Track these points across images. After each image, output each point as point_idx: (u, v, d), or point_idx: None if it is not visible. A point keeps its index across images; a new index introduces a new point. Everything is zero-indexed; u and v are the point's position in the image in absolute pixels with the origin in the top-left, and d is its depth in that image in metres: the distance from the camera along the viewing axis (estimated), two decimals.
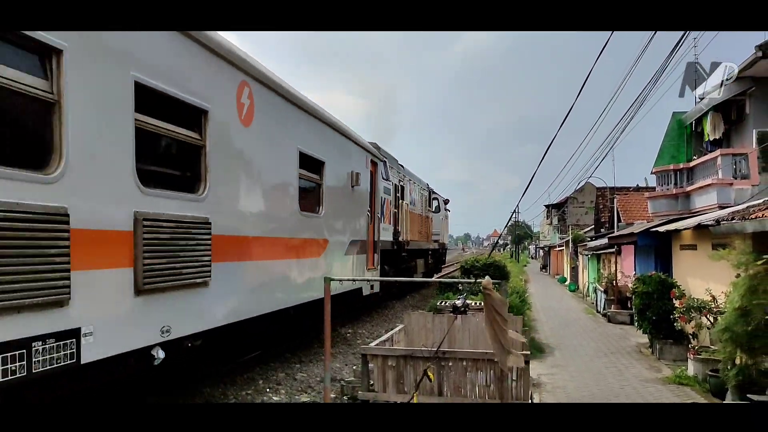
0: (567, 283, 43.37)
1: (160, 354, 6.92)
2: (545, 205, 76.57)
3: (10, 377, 5.00)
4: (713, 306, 12.48)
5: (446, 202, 38.40)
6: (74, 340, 5.65)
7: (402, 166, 23.29)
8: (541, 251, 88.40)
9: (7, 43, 5.17)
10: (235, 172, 8.78)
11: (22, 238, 5.14)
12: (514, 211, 75.00)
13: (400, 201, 22.14)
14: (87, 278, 5.82)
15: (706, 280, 13.92)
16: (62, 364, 5.51)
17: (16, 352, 5.07)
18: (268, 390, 10.72)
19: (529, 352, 8.47)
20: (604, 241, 26.73)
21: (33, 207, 5.25)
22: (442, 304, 15.58)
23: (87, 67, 5.87)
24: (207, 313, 7.91)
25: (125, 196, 6.40)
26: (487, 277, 6.95)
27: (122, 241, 6.34)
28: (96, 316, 5.94)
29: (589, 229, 47.72)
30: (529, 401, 8.32)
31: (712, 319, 12.51)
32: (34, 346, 5.23)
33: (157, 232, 6.75)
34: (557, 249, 56.29)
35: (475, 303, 13.46)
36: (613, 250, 24.79)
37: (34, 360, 5.22)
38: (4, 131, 5.34)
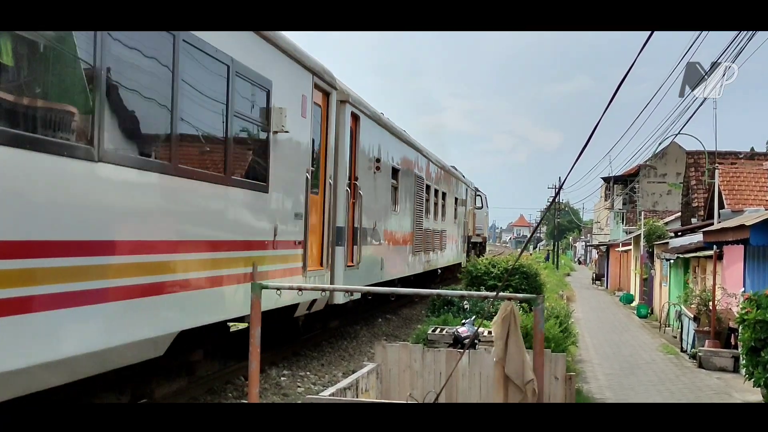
0: (635, 303, 30.35)
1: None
2: (603, 179, 52.65)
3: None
4: None
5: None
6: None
7: (464, 176, 31.02)
8: (594, 252, 61.87)
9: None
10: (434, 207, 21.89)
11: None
12: (561, 188, 44.37)
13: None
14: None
15: None
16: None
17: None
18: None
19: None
20: (698, 237, 18.33)
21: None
22: (436, 331, 10.74)
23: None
24: (441, 260, 23.31)
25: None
26: (510, 303, 5.31)
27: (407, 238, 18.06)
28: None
29: (673, 218, 35.10)
30: None
31: None
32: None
33: (422, 237, 19.04)
34: (620, 249, 38.83)
35: (489, 332, 9.53)
36: (711, 252, 16.15)
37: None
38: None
